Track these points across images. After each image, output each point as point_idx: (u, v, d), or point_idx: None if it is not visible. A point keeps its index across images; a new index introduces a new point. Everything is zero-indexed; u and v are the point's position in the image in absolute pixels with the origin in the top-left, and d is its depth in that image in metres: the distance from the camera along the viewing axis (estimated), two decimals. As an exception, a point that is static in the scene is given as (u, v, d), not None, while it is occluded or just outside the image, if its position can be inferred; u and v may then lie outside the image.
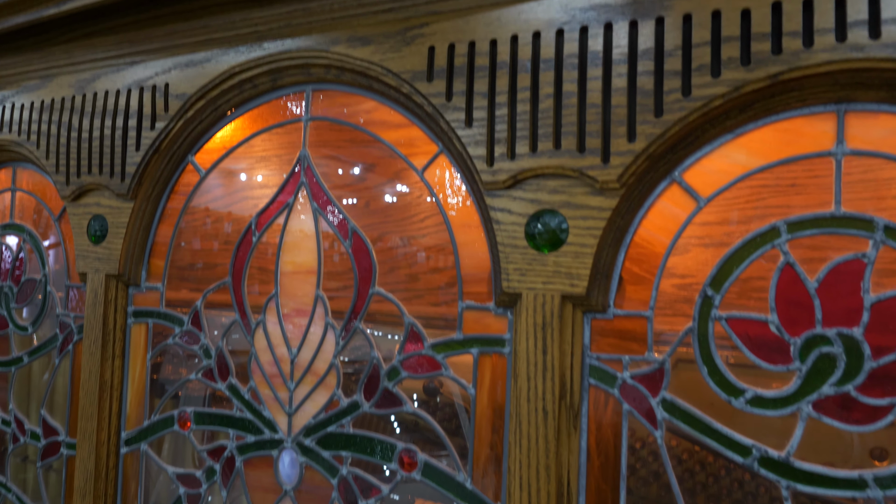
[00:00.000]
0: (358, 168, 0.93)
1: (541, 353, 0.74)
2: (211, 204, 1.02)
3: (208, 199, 1.02)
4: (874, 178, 0.70)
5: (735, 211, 1.03)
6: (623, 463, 0.73)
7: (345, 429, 0.87)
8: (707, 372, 0.69)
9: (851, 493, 0.64)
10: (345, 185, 0.92)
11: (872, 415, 0.64)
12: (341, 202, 0.90)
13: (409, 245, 0.88)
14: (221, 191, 1.01)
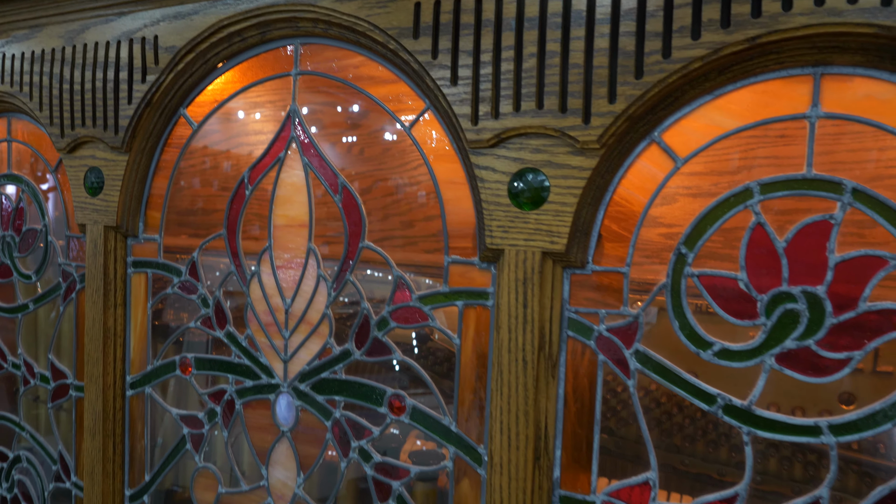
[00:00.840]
0: (348, 123, 0.94)
1: (521, 306, 0.77)
2: (205, 155, 1.04)
3: (202, 151, 1.04)
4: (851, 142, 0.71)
5: (724, 162, 1.05)
6: (597, 409, 0.78)
7: (337, 375, 0.92)
8: (678, 326, 0.73)
9: (807, 438, 0.69)
10: (335, 140, 0.94)
11: (830, 368, 0.67)
12: (331, 157, 0.92)
13: (399, 198, 0.90)
14: (216, 140, 1.03)
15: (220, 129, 1.02)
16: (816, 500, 0.69)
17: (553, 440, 0.79)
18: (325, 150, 0.92)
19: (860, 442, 1.13)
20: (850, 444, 1.15)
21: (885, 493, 0.66)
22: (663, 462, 1.23)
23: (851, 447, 1.13)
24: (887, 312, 0.65)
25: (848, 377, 1.11)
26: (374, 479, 0.90)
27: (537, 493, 0.78)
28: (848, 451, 1.11)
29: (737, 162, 1.04)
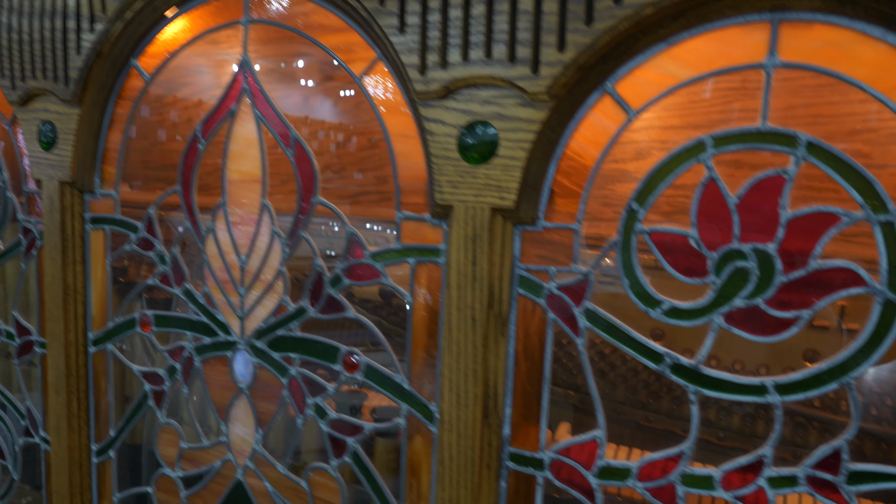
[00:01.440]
0: (300, 74, 0.91)
1: (470, 263, 0.75)
2: (159, 108, 1.01)
3: (156, 104, 1.01)
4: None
5: (702, 116, 1.02)
6: (546, 368, 0.77)
7: (293, 332, 0.91)
8: (628, 284, 0.71)
9: (752, 398, 0.68)
10: (287, 92, 0.90)
11: (778, 327, 0.66)
12: (284, 110, 0.89)
13: (352, 153, 0.87)
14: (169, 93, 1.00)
15: (172, 81, 0.99)
16: (760, 459, 0.68)
17: (503, 398, 0.78)
18: (277, 102, 0.89)
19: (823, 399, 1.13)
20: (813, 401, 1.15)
21: (829, 451, 0.65)
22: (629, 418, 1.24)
23: (813, 404, 1.13)
24: (837, 271, 0.63)
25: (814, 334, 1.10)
26: (329, 436, 0.90)
27: (486, 451, 0.78)
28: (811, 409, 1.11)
29: (716, 115, 1.01)
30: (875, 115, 1.14)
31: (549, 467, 0.78)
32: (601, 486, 0.75)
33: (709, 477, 0.70)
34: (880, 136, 1.10)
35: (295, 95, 0.90)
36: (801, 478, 0.67)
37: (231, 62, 0.92)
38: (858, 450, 1.06)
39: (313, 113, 0.90)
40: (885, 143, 1.09)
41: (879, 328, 0.62)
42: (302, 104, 0.90)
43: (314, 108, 0.90)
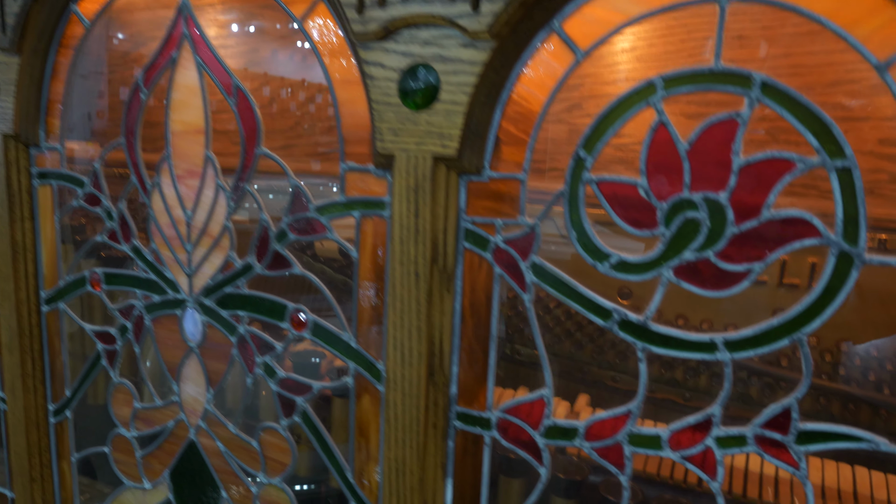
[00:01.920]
0: (243, 17, 0.86)
1: (413, 216, 0.72)
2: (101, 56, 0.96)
3: (98, 52, 0.96)
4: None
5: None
6: (493, 325, 0.74)
7: (240, 289, 0.88)
8: (576, 237, 0.68)
9: (702, 355, 0.65)
10: (229, 38, 0.86)
11: (729, 280, 0.63)
12: (225, 56, 0.84)
13: (295, 101, 0.83)
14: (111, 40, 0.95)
15: (114, 28, 0.94)
16: (709, 418, 0.65)
17: (449, 356, 0.75)
18: (219, 48, 0.84)
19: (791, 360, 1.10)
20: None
21: (778, 410, 0.62)
22: (595, 379, 1.22)
23: (781, 363, 1.10)
24: (791, 221, 0.59)
25: (786, 293, 1.07)
26: (279, 395, 0.87)
27: (432, 410, 0.76)
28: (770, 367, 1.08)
29: (695, 59, 0.96)
30: (855, 65, 1.09)
31: (497, 427, 0.75)
32: (548, 446, 0.73)
33: (656, 437, 0.68)
34: (862, 88, 1.05)
35: (237, 41, 0.85)
36: (749, 437, 0.64)
37: (172, 5, 0.87)
38: (854, 417, 1.04)
39: (256, 59, 0.85)
40: (867, 95, 1.04)
41: (833, 281, 0.59)
42: (245, 50, 0.85)
43: (257, 54, 0.85)
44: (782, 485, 0.96)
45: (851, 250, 0.58)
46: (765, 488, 0.94)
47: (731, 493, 0.95)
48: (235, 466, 0.93)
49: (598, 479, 0.95)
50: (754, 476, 0.95)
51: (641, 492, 0.91)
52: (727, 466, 1.01)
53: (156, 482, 1.01)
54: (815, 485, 0.93)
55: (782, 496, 1.00)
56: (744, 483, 0.94)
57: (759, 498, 0.94)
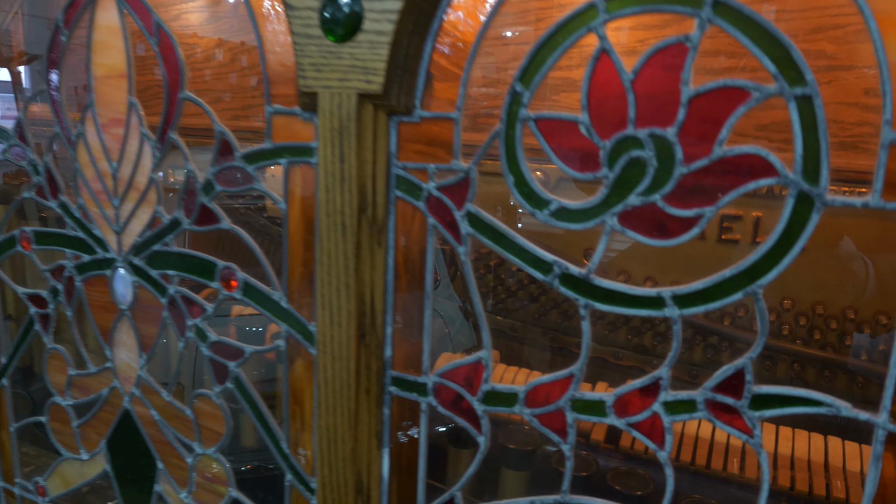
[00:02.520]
0: (165, -51, 0.79)
1: (338, 161, 0.65)
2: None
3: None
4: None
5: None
6: (428, 282, 0.68)
7: (169, 247, 0.82)
8: (513, 182, 0.61)
9: (649, 311, 0.58)
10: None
11: (677, 228, 0.56)
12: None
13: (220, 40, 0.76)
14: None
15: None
16: (656, 381, 0.59)
17: (382, 316, 0.69)
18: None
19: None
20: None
21: (731, 371, 0.56)
22: (560, 345, 1.16)
23: (753, 328, 1.03)
24: (745, 158, 0.53)
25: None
26: (211, 361, 0.82)
27: (364, 374, 0.70)
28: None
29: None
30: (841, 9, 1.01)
31: (433, 392, 0.69)
32: (487, 413, 0.67)
33: (600, 402, 0.62)
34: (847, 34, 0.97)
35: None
36: (699, 402, 0.58)
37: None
38: (830, 385, 0.98)
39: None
40: (851, 42, 0.96)
41: (793, 225, 0.52)
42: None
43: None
44: (750, 455, 0.90)
45: (811, 190, 0.51)
46: (731, 459, 0.88)
47: (693, 464, 0.89)
48: (171, 436, 0.88)
49: (553, 450, 0.89)
50: (720, 446, 0.89)
51: (596, 462, 0.86)
52: (685, 435, 0.95)
53: (93, 453, 0.96)
54: (785, 455, 0.87)
55: (750, 467, 0.94)
56: (708, 454, 0.89)
57: (724, 469, 0.88)
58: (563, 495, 0.65)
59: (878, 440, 0.53)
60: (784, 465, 0.84)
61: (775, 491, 0.81)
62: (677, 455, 0.90)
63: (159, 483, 0.91)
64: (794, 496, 0.82)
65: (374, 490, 0.73)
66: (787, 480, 0.83)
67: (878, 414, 0.52)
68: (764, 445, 0.58)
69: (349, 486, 0.72)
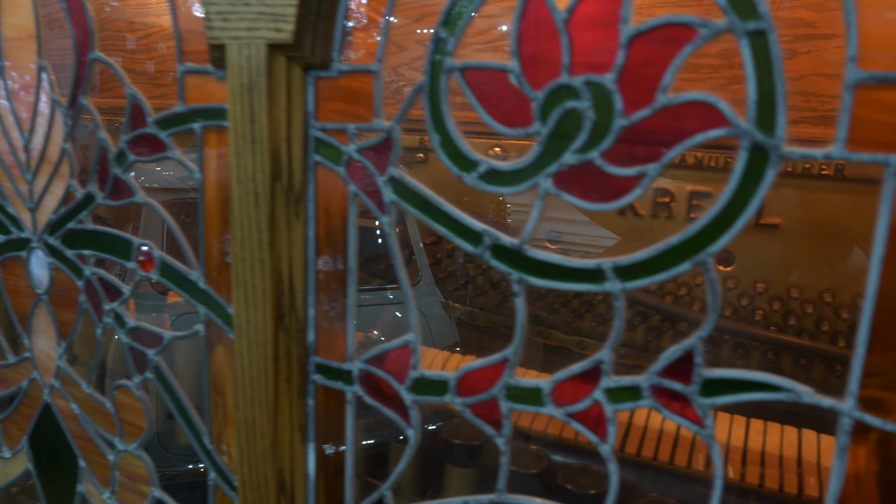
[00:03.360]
0: None
1: (248, 121, 0.58)
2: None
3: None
4: None
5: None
6: (351, 258, 0.61)
7: (83, 224, 0.75)
8: (439, 142, 0.54)
9: (587, 285, 0.52)
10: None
11: (618, 189, 0.49)
12: (54, -57, 0.70)
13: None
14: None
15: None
16: (597, 365, 0.52)
17: (302, 296, 0.62)
18: (47, -67, 0.71)
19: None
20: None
21: (679, 354, 0.49)
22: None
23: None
24: (691, 107, 0.46)
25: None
26: (130, 349, 0.75)
27: (284, 361, 0.63)
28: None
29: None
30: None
31: (360, 381, 0.62)
32: (416, 403, 0.60)
33: (537, 389, 0.55)
34: (827, 0, 0.90)
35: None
36: (644, 388, 0.51)
37: None
38: (807, 374, 0.91)
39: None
40: (832, 9, 0.89)
41: (746, 182, 0.45)
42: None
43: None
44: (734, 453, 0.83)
45: (766, 141, 0.44)
46: (696, 456, 0.81)
47: (656, 459, 0.82)
48: (92, 432, 0.81)
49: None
50: (686, 441, 0.82)
51: (547, 458, 0.79)
52: (649, 429, 0.88)
53: (15, 450, 0.90)
54: (755, 451, 0.80)
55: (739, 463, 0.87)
56: (672, 449, 0.81)
57: (688, 465, 0.81)
58: (499, 494, 0.58)
59: (843, 430, 0.46)
60: (754, 461, 0.77)
61: (744, 489, 0.74)
62: (639, 450, 0.83)
63: (82, 483, 0.84)
64: (764, 494, 0.75)
65: (298, 489, 0.66)
66: (755, 478, 0.76)
67: (844, 400, 0.45)
68: (732, 440, 0.51)
69: (270, 484, 0.65)
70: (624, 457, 0.82)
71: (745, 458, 0.78)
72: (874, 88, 0.42)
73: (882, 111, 0.42)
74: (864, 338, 0.44)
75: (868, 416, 0.45)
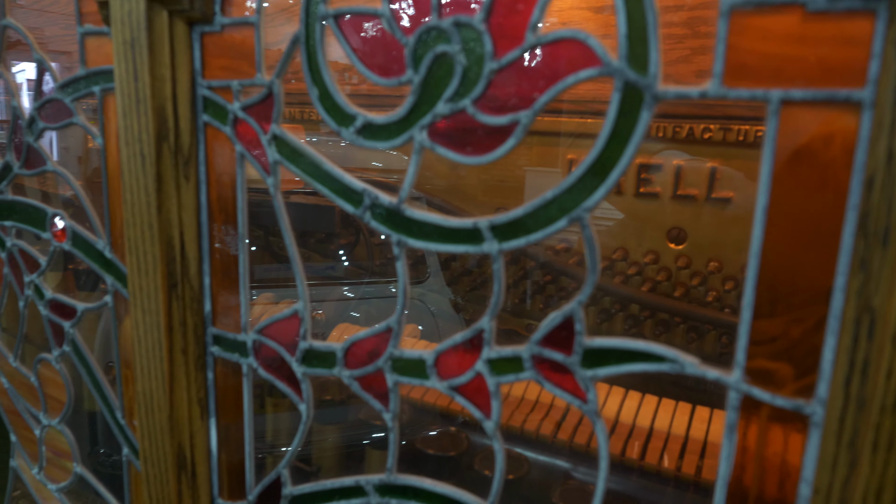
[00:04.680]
0: None
1: (132, 79, 0.56)
2: None
3: None
4: None
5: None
6: (240, 222, 0.58)
7: (3, 195, 0.74)
8: (317, 95, 0.51)
9: (467, 247, 0.48)
10: None
11: (491, 140, 0.45)
12: None
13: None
14: None
15: None
16: (478, 334, 0.48)
17: (196, 263, 0.60)
18: None
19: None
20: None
21: (558, 320, 0.45)
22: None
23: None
24: (561, 46, 0.42)
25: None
26: (49, 321, 0.73)
27: (179, 331, 0.60)
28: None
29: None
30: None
31: (254, 352, 0.59)
32: (307, 375, 0.57)
33: (420, 361, 0.51)
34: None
35: None
36: (525, 359, 0.47)
37: None
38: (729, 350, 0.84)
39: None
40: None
41: (619, 128, 0.41)
42: None
43: None
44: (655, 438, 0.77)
45: (639, 80, 0.40)
46: (632, 442, 0.75)
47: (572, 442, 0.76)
48: (21, 406, 0.80)
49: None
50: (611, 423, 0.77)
51: (468, 441, 0.74)
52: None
53: (-43, 425, 0.89)
54: (678, 435, 0.74)
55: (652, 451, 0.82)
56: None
57: (622, 454, 0.75)
58: (389, 474, 0.54)
59: (731, 405, 0.41)
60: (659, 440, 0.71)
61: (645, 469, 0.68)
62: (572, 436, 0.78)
63: (14, 458, 0.83)
64: (668, 476, 0.69)
65: (200, 465, 0.64)
66: (653, 457, 0.70)
67: (730, 372, 0.41)
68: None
69: (169, 459, 0.63)
70: (566, 444, 0.77)
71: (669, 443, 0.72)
72: (751, 14, 0.37)
73: (761, 40, 0.37)
74: (749, 300, 0.40)
75: (756, 390, 0.40)
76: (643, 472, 0.69)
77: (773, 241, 0.39)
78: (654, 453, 0.70)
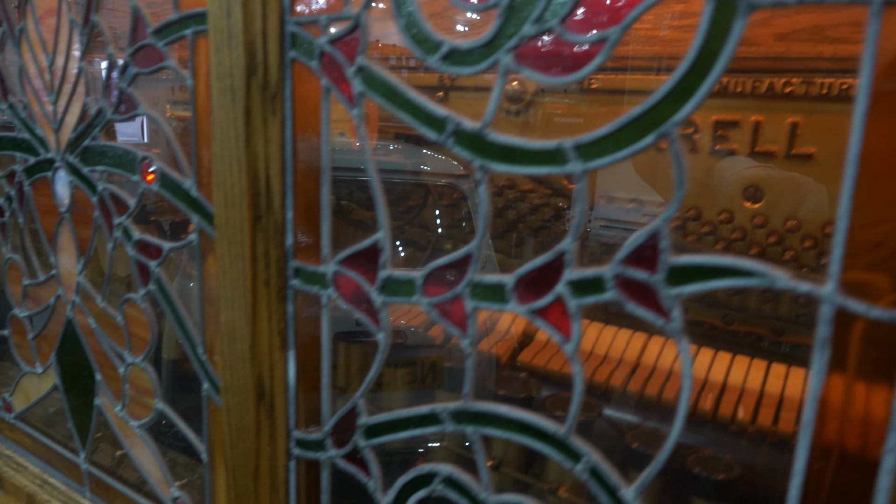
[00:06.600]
0: None
1: (225, 16, 0.58)
2: None
3: None
4: None
5: None
6: (324, 156, 0.60)
7: (97, 141, 0.78)
8: (404, 25, 0.52)
9: (550, 168, 0.48)
10: None
11: (579, 60, 0.45)
12: None
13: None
14: None
15: None
16: (560, 256, 0.49)
17: (280, 197, 0.62)
18: None
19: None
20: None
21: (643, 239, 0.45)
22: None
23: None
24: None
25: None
26: (136, 262, 0.77)
27: (262, 262, 0.63)
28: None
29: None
30: None
31: (334, 284, 0.61)
32: (386, 304, 0.58)
33: (500, 285, 0.52)
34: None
35: None
36: (608, 279, 0.47)
37: None
38: None
39: None
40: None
41: (712, 36, 0.41)
42: None
43: None
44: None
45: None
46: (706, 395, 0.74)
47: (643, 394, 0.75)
48: (107, 346, 0.85)
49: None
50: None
51: (538, 387, 0.74)
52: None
53: (46, 366, 0.95)
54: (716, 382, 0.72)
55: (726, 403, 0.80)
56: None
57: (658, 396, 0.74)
58: (465, 400, 0.55)
59: (824, 320, 0.41)
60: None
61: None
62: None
63: (98, 396, 0.88)
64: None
65: (278, 396, 0.66)
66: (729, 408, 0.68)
67: (824, 285, 0.40)
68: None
69: (249, 389, 0.65)
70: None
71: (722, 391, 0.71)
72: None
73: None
74: (846, 209, 0.39)
75: (851, 301, 0.39)
76: (719, 425, 0.68)
77: (873, 142, 0.38)
78: (728, 406, 0.69)
